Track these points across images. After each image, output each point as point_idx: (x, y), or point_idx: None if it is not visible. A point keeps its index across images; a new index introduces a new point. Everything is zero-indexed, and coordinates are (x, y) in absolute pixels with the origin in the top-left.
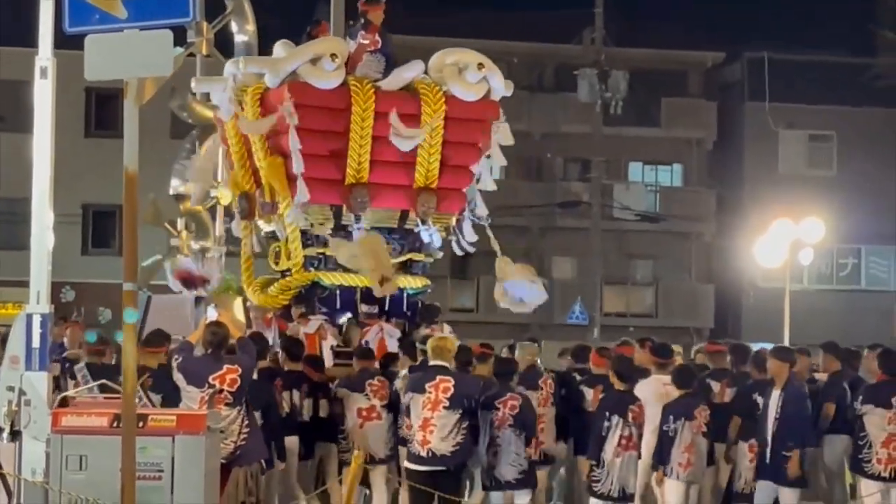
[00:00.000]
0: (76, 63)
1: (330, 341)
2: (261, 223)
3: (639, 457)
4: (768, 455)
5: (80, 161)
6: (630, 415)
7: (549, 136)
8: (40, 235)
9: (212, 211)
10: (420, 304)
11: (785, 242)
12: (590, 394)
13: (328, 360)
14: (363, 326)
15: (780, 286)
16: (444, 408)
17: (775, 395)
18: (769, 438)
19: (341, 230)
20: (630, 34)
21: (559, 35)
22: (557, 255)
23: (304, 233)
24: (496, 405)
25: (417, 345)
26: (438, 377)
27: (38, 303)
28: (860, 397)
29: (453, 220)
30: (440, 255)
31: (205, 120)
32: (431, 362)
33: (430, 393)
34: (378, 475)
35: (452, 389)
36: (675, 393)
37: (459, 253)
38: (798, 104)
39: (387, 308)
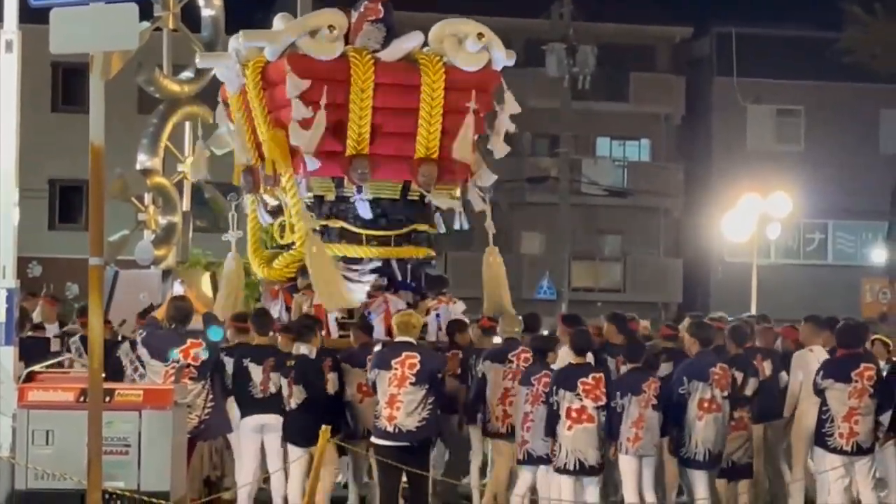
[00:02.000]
0: (42, 37)
1: (335, 313)
2: (265, 197)
3: (602, 428)
4: None
5: (46, 136)
6: (581, 387)
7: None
8: (6, 211)
9: (179, 186)
10: (425, 275)
11: (752, 217)
12: None
13: (333, 332)
14: (368, 297)
15: (748, 261)
16: (411, 384)
17: None
18: None
19: (343, 201)
20: (598, 9)
21: (527, 10)
22: (526, 230)
23: (306, 206)
24: (532, 381)
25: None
26: (404, 353)
27: (4, 278)
28: (821, 372)
29: (457, 191)
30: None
31: (172, 94)
32: (397, 338)
33: (396, 369)
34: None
35: (419, 365)
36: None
37: (465, 226)
38: (766, 79)
39: (394, 279)
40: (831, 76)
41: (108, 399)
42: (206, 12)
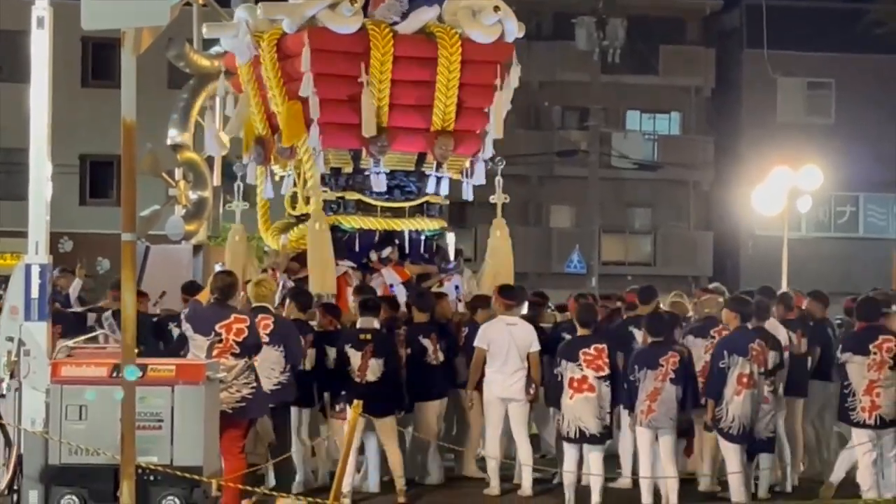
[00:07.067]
0: (73, 13)
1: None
2: (275, 168)
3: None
4: None
5: (77, 111)
6: (582, 358)
7: (546, 85)
8: (38, 186)
9: (209, 161)
10: (436, 247)
11: (783, 190)
12: None
13: (352, 306)
14: (371, 271)
15: (778, 234)
16: (266, 343)
17: None
18: None
19: (359, 174)
20: None
21: None
22: (555, 203)
23: (322, 178)
24: None
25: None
26: (260, 315)
27: (37, 253)
28: (840, 346)
29: (467, 163)
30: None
31: (202, 69)
32: (254, 304)
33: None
34: (387, 429)
35: (272, 326)
36: (520, 333)
37: (469, 198)
38: (796, 51)
39: (406, 251)
40: (862, 48)
41: (140, 374)
42: None
